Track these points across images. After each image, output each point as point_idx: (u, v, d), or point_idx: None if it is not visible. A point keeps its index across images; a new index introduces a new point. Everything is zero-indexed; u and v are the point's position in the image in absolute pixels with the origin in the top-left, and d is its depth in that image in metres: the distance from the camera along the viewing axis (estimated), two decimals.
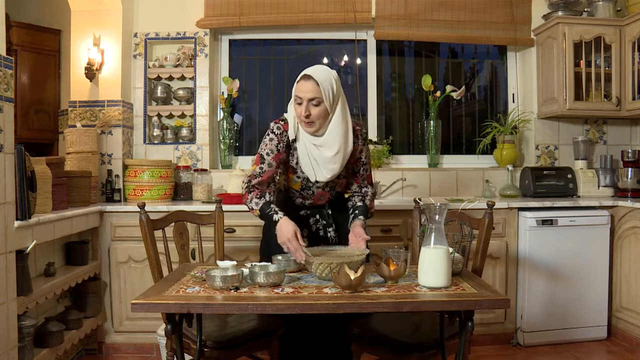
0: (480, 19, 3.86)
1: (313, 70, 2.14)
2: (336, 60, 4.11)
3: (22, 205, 2.29)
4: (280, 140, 2.22)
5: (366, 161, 2.37)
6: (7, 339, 2.17)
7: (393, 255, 1.95)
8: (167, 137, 3.81)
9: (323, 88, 2.11)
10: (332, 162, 2.20)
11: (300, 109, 2.13)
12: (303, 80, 2.13)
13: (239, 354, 2.19)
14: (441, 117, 3.99)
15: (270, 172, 2.24)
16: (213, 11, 3.73)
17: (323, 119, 2.16)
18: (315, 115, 2.13)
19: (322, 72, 2.15)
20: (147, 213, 2.29)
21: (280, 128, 2.23)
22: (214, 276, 1.76)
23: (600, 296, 3.35)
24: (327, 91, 2.12)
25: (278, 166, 2.26)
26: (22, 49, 3.76)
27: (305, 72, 2.14)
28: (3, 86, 2.20)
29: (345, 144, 2.21)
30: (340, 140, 2.19)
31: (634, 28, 3.53)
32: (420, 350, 2.03)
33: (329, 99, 2.13)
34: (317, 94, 2.11)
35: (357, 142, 2.29)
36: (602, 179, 3.77)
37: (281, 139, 2.22)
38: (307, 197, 2.37)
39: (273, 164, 2.23)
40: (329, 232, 2.35)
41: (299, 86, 2.13)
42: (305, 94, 2.11)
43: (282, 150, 2.23)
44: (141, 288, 2.84)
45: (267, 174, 2.24)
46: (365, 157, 2.36)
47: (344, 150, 2.21)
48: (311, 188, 2.32)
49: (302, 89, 2.12)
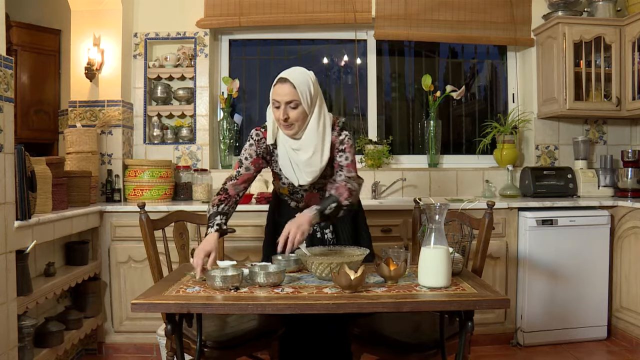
0: (480, 19, 3.86)
1: (289, 73, 2.12)
2: (336, 60, 4.11)
3: (22, 205, 2.29)
4: (258, 147, 2.24)
5: (343, 148, 2.21)
6: (7, 339, 2.17)
7: (393, 255, 1.95)
8: (167, 137, 3.81)
9: (300, 91, 2.09)
10: (309, 165, 2.17)
11: (278, 112, 2.11)
12: (280, 83, 2.10)
13: (239, 354, 2.19)
14: (441, 117, 3.99)
15: (246, 175, 2.25)
16: (213, 11, 3.73)
17: (302, 121, 2.13)
18: (293, 117, 2.11)
19: (299, 75, 2.12)
20: (147, 213, 2.29)
21: (259, 135, 2.25)
22: (214, 276, 1.76)
23: (600, 296, 3.35)
24: (304, 93, 2.10)
25: (256, 171, 2.27)
26: (22, 49, 3.76)
27: (281, 75, 2.11)
28: (3, 86, 2.20)
29: (322, 145, 2.16)
30: (317, 141, 2.15)
31: (634, 28, 3.53)
32: (420, 350, 2.03)
33: (306, 101, 2.11)
34: (294, 97, 2.09)
35: (333, 133, 2.20)
36: (602, 179, 3.77)
37: (259, 145, 2.24)
38: (298, 200, 2.36)
39: (251, 168, 2.25)
40: (325, 233, 2.34)
41: (276, 89, 2.11)
42: (282, 97, 2.09)
43: (260, 156, 2.25)
44: (141, 288, 2.84)
45: (242, 177, 2.24)
46: (342, 145, 2.21)
47: (321, 151, 2.16)
48: (299, 192, 2.31)
49: (279, 92, 2.10)
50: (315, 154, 2.15)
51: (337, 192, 2.12)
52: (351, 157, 2.23)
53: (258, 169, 2.28)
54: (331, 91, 4.15)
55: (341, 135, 2.22)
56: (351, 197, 2.13)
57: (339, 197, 2.10)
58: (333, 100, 4.13)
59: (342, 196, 2.11)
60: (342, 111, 4.12)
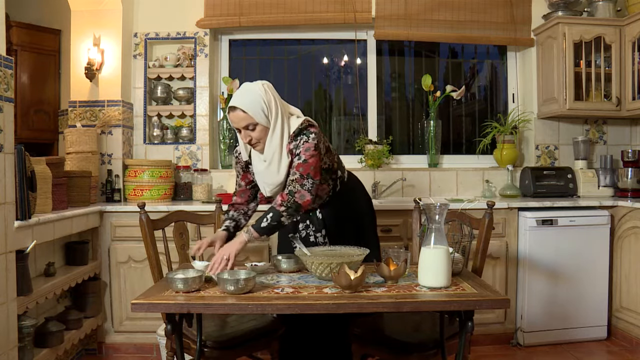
0: (480, 19, 3.86)
1: (236, 99, 2.12)
2: (336, 60, 4.11)
3: (22, 205, 2.29)
4: (239, 162, 2.35)
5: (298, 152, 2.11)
6: (7, 339, 2.17)
7: (393, 255, 1.95)
8: (167, 137, 3.81)
9: (252, 113, 2.09)
10: (266, 176, 2.20)
11: (240, 136, 2.18)
12: (231, 111, 2.12)
13: (239, 354, 2.19)
14: (441, 117, 3.99)
15: (241, 190, 2.38)
16: (213, 11, 3.74)
17: (266, 136, 2.14)
18: (256, 137, 2.13)
19: (246, 97, 2.11)
20: (147, 213, 2.29)
21: (237, 151, 2.35)
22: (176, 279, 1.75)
23: (600, 296, 3.35)
24: (257, 114, 2.09)
25: (248, 184, 2.36)
26: (22, 49, 3.76)
27: (230, 104, 2.12)
28: (3, 86, 2.20)
29: (280, 155, 2.14)
30: (273, 151, 2.14)
31: (634, 28, 3.53)
32: (420, 350, 2.03)
33: (262, 118, 2.11)
34: (248, 121, 2.10)
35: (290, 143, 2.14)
36: (602, 179, 3.77)
37: (240, 161, 2.34)
38: None
39: (242, 184, 2.37)
40: (317, 237, 2.32)
41: (230, 117, 2.14)
42: (238, 124, 2.13)
43: (244, 172, 2.35)
44: (141, 288, 2.84)
45: (239, 191, 2.39)
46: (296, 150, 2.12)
47: (278, 161, 2.14)
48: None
49: (233, 120, 2.14)
50: (272, 165, 2.16)
51: (274, 201, 2.10)
52: (304, 157, 2.10)
53: (250, 182, 2.36)
54: (331, 91, 4.15)
55: (295, 141, 2.13)
56: (286, 202, 2.05)
57: (274, 205, 2.08)
58: (333, 100, 4.14)
59: (276, 203, 2.07)
60: (342, 111, 4.12)
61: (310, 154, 2.10)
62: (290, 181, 2.10)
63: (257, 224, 2.06)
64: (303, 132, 2.14)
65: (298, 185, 2.07)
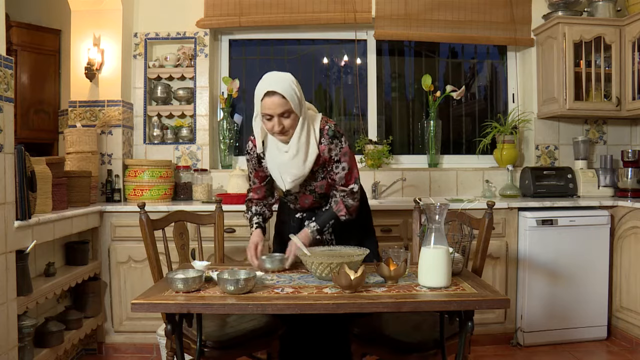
0: (480, 19, 3.86)
1: (275, 84, 2.07)
2: (336, 60, 4.11)
3: (22, 205, 2.29)
4: (252, 158, 2.31)
5: (337, 159, 2.19)
6: (7, 339, 2.17)
7: (393, 255, 1.95)
8: (167, 137, 3.81)
9: (290, 99, 2.06)
10: (291, 167, 2.17)
11: (270, 124, 2.10)
12: (268, 96, 2.07)
13: (239, 354, 2.19)
14: (441, 117, 3.99)
15: (256, 187, 2.39)
16: (213, 11, 3.74)
17: (296, 125, 2.13)
18: (288, 125, 2.10)
19: (284, 83, 2.08)
20: (147, 213, 2.29)
21: (249, 145, 2.31)
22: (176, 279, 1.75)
23: (600, 296, 3.35)
24: (294, 101, 2.08)
25: (263, 180, 2.36)
26: (22, 49, 3.76)
27: (268, 89, 2.07)
28: (3, 86, 2.20)
29: (307, 146, 2.15)
30: (302, 141, 2.14)
31: (634, 28, 3.53)
32: (420, 350, 2.03)
33: (297, 107, 2.09)
34: (286, 107, 2.07)
35: (323, 142, 2.17)
36: (602, 179, 3.77)
37: (252, 157, 2.31)
38: (292, 201, 2.37)
39: (256, 181, 2.37)
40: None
41: (265, 103, 2.07)
42: (274, 110, 2.06)
43: (259, 167, 2.32)
44: (141, 288, 2.84)
45: (255, 188, 2.39)
46: (335, 155, 2.19)
47: (305, 152, 2.15)
48: (292, 193, 2.31)
49: (269, 106, 2.07)
50: (299, 156, 2.15)
51: (337, 207, 2.22)
52: (348, 165, 2.20)
53: (264, 178, 2.35)
54: (331, 91, 4.15)
55: (331, 143, 2.17)
56: (348, 214, 2.23)
57: (337, 213, 2.22)
58: (333, 100, 4.13)
59: (340, 212, 2.22)
60: (342, 111, 4.12)
61: (350, 158, 2.22)
62: (346, 192, 2.22)
63: (320, 226, 2.19)
64: (336, 136, 2.19)
65: (351, 200, 2.23)
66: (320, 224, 2.20)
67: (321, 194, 2.30)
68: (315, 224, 2.20)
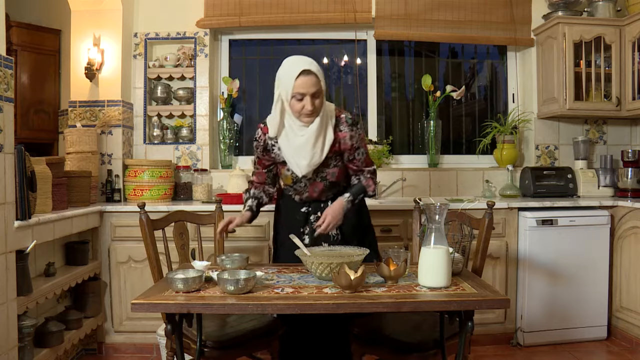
0: (480, 19, 3.86)
1: (310, 64, 2.10)
2: (336, 60, 4.11)
3: (22, 205, 2.29)
4: (259, 145, 2.34)
5: (358, 145, 2.27)
6: (7, 339, 2.17)
7: (393, 255, 1.95)
8: (167, 137, 3.81)
9: (322, 80, 2.13)
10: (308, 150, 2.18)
11: (300, 104, 2.10)
12: (304, 75, 2.07)
13: (239, 354, 2.19)
14: (441, 117, 3.99)
15: (259, 174, 2.44)
16: (213, 11, 3.74)
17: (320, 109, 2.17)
18: (317, 106, 2.13)
19: (315, 64, 2.13)
20: (147, 213, 2.30)
21: (258, 133, 2.34)
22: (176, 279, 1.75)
23: (600, 296, 3.35)
24: (324, 82, 2.16)
25: (265, 168, 2.40)
26: (22, 49, 3.76)
27: (304, 67, 2.08)
28: (3, 86, 2.20)
29: (326, 129, 2.19)
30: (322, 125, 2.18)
31: (634, 28, 3.53)
32: (420, 350, 2.03)
33: (325, 89, 2.17)
34: (318, 87, 2.10)
35: (343, 129, 2.23)
36: (602, 179, 3.77)
37: (259, 144, 2.34)
38: (301, 190, 2.36)
39: (259, 167, 2.41)
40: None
41: (301, 82, 2.07)
42: (309, 89, 2.08)
43: (263, 156, 2.35)
44: (141, 288, 2.83)
45: (257, 173, 2.45)
46: (356, 142, 2.26)
47: (324, 135, 2.18)
48: (302, 180, 2.31)
49: (305, 85, 2.07)
50: (318, 142, 2.18)
51: (366, 182, 2.32)
52: (365, 150, 2.33)
53: (267, 166, 2.40)
54: (331, 91, 4.14)
55: (353, 130, 2.25)
56: (373, 192, 2.35)
57: (367, 188, 2.31)
58: (333, 100, 4.13)
59: (370, 188, 2.32)
60: None
61: (365, 143, 2.34)
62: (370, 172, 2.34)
63: (353, 197, 2.25)
64: (355, 123, 2.26)
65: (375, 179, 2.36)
66: (353, 194, 2.25)
67: (332, 182, 2.33)
68: (349, 194, 2.25)
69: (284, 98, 2.15)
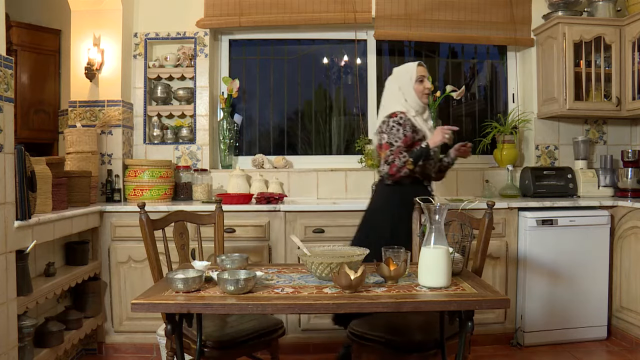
0: (480, 19, 3.86)
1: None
2: (336, 60, 4.11)
3: (22, 205, 2.29)
4: (405, 124, 2.69)
5: None
6: (7, 339, 2.17)
7: (393, 255, 1.95)
8: (167, 137, 3.81)
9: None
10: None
11: (422, 85, 2.77)
12: (420, 66, 2.80)
13: (239, 354, 2.19)
14: (441, 117, 3.99)
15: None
16: (213, 11, 3.74)
17: None
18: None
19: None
20: (147, 213, 2.29)
21: (402, 117, 2.70)
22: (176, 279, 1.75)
23: (600, 296, 3.35)
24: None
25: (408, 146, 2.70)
26: (22, 49, 3.76)
27: (417, 62, 2.80)
28: (3, 86, 2.20)
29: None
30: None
31: (634, 28, 3.53)
32: (420, 350, 2.04)
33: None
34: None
35: None
36: (602, 179, 3.77)
37: (405, 122, 2.69)
38: (431, 168, 2.81)
39: (405, 148, 2.68)
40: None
41: (421, 70, 2.78)
42: (426, 74, 2.81)
43: (408, 133, 2.68)
44: (141, 288, 2.84)
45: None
46: None
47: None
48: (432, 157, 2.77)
49: (423, 71, 2.79)
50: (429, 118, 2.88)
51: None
52: None
53: (408, 146, 2.69)
54: (331, 91, 4.14)
55: None
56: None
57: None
58: (333, 100, 4.13)
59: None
60: (342, 111, 4.12)
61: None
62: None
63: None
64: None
65: None
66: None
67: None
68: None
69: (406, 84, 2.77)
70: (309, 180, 3.79)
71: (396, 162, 2.62)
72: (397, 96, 2.77)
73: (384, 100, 2.87)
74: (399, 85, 2.79)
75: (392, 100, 2.79)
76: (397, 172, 2.64)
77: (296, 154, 4.07)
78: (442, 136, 2.65)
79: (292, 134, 4.11)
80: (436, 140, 2.67)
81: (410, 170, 2.63)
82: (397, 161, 2.62)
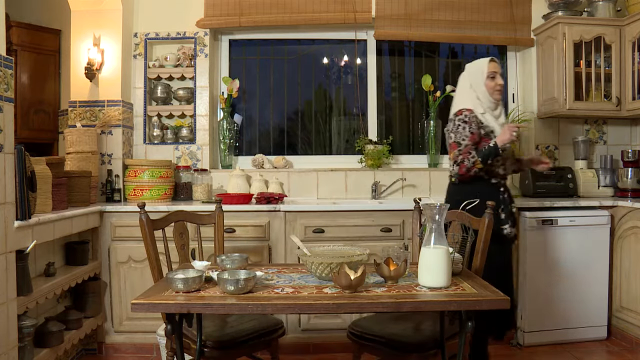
0: (480, 19, 3.86)
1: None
2: (336, 60, 4.11)
3: (22, 205, 2.29)
4: (471, 121, 2.65)
5: None
6: (7, 339, 2.17)
7: (393, 255, 1.95)
8: (167, 137, 3.81)
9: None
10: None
11: (494, 81, 2.74)
12: (493, 62, 2.77)
13: (239, 354, 2.19)
14: (441, 117, 3.98)
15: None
16: (213, 11, 3.74)
17: None
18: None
19: None
20: (147, 213, 2.29)
21: (467, 116, 2.66)
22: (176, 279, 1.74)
23: (600, 296, 3.35)
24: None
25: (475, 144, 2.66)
26: (22, 49, 3.76)
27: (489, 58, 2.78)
28: (3, 86, 2.20)
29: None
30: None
31: (634, 28, 3.54)
32: (420, 350, 2.04)
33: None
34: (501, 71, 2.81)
35: None
36: (602, 179, 3.77)
37: (471, 120, 2.65)
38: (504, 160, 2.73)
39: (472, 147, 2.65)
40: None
41: (492, 66, 2.76)
42: (498, 70, 2.78)
43: (475, 130, 2.65)
44: (141, 288, 2.84)
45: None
46: None
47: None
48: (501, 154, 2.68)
49: (495, 67, 2.77)
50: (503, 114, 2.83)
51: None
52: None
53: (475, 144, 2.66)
54: (331, 91, 4.15)
55: None
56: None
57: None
58: (333, 100, 4.13)
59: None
60: (342, 111, 4.12)
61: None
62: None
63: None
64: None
65: None
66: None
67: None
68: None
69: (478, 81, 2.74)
70: (309, 180, 3.79)
71: (465, 162, 2.60)
72: (468, 93, 2.76)
73: (455, 97, 2.86)
74: (471, 82, 2.78)
75: (462, 97, 2.78)
76: (467, 172, 2.62)
77: (296, 154, 4.07)
78: (509, 134, 2.61)
79: (292, 134, 4.11)
80: (504, 138, 2.62)
81: (480, 169, 2.62)
82: (466, 161, 2.60)
